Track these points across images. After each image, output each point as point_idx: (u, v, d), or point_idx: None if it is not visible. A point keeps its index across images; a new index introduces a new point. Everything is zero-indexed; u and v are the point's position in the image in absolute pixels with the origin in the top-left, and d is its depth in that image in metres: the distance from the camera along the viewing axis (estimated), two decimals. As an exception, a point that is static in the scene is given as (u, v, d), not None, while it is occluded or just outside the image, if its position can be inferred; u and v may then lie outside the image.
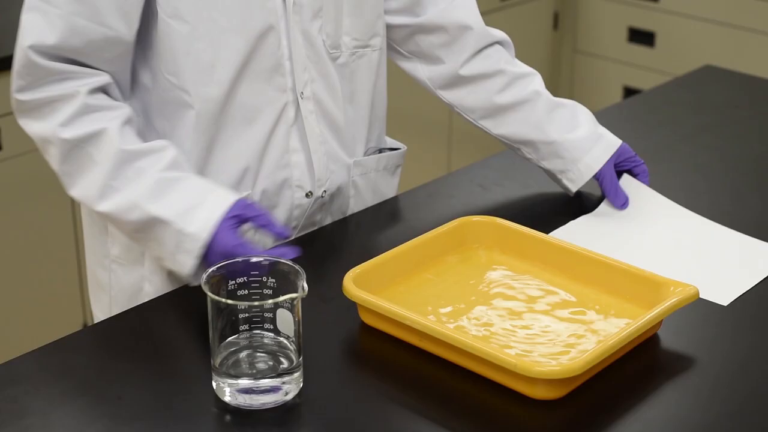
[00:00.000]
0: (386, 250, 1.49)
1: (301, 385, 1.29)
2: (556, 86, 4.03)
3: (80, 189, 1.49)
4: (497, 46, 1.78)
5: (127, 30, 1.48)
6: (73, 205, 2.70)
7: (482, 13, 1.77)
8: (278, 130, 1.58)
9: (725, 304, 1.49)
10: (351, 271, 1.42)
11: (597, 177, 1.74)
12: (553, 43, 3.97)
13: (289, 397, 1.28)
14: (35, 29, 1.46)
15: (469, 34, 1.74)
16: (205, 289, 1.25)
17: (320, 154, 1.62)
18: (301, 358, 1.28)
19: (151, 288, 1.59)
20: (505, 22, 3.68)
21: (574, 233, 1.66)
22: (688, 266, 1.57)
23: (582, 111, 1.77)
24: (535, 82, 1.77)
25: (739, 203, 1.80)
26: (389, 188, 1.77)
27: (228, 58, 1.52)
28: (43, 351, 1.39)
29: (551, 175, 1.79)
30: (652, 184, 1.78)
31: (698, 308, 1.45)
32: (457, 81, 1.76)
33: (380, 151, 1.76)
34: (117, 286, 1.64)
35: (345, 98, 1.65)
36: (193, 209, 1.45)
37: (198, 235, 1.44)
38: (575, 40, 3.98)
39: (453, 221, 1.57)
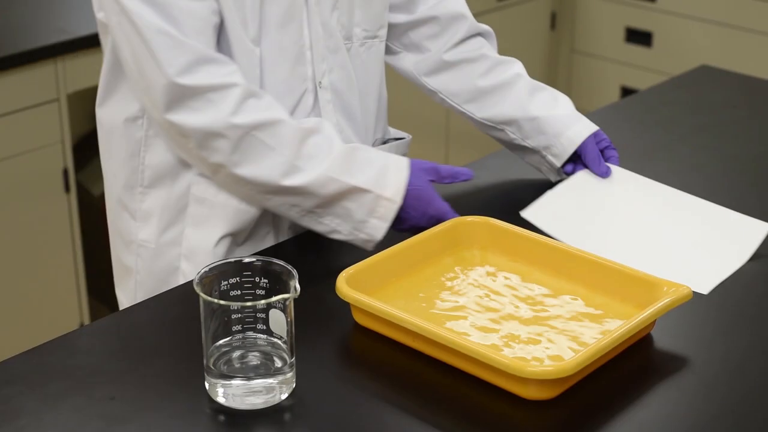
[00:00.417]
0: (380, 251, 1.49)
1: (294, 385, 1.29)
2: (554, 86, 3.99)
3: (256, 172, 1.52)
4: (479, 37, 1.83)
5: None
6: (70, 207, 2.70)
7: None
8: (296, 117, 1.60)
9: (705, 293, 1.50)
10: (344, 271, 1.42)
11: (579, 151, 1.76)
12: (551, 43, 3.97)
13: (282, 397, 1.28)
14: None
15: (462, 23, 1.80)
16: (198, 289, 1.25)
17: None
18: (293, 359, 1.28)
19: (190, 267, 1.61)
20: (502, 22, 3.68)
21: (550, 210, 1.68)
22: (669, 251, 1.60)
23: (561, 95, 1.82)
24: (516, 66, 1.82)
25: (736, 203, 1.80)
26: None
27: (255, 45, 1.55)
28: (36, 351, 1.39)
29: (534, 158, 1.81)
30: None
31: (692, 308, 1.45)
32: (442, 66, 1.81)
33: (384, 142, 1.79)
34: (144, 269, 1.66)
35: (360, 88, 1.68)
36: (384, 175, 1.55)
37: (394, 198, 1.54)
38: (573, 40, 3.98)
39: (447, 221, 1.57)
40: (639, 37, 3.81)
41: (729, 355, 1.40)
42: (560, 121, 1.77)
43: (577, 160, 1.79)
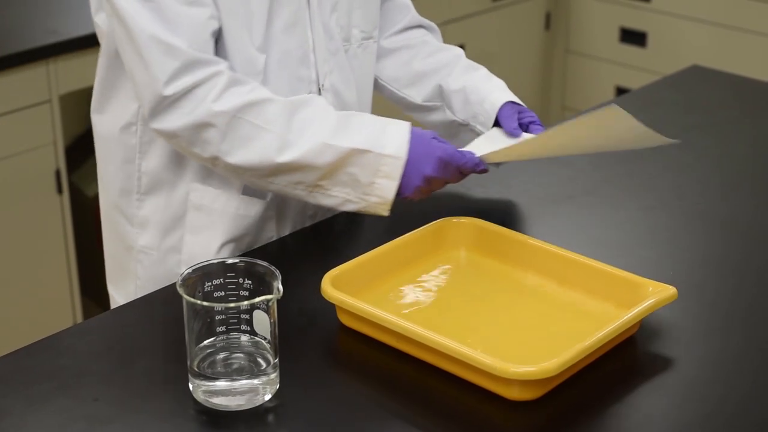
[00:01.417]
0: (366, 252, 1.49)
1: (278, 386, 1.30)
2: (549, 86, 4.04)
3: (249, 156, 1.51)
4: (422, 29, 1.84)
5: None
6: (63, 208, 2.70)
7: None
8: None
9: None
10: (329, 272, 1.42)
11: (497, 116, 1.73)
12: (545, 43, 3.97)
13: (266, 398, 1.28)
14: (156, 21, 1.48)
15: (404, 13, 1.81)
16: (181, 291, 1.25)
17: None
18: (277, 359, 1.29)
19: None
20: (497, 22, 3.68)
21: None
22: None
23: (496, 78, 1.79)
24: (457, 50, 1.82)
25: (725, 203, 1.80)
26: None
27: (259, 51, 1.56)
28: (22, 352, 1.39)
29: (468, 136, 1.77)
30: (635, 185, 1.78)
31: (676, 309, 1.45)
32: (381, 53, 1.80)
33: None
34: (145, 275, 1.67)
35: (357, 88, 1.69)
36: (382, 134, 1.52)
37: (396, 154, 1.51)
38: (567, 40, 3.98)
39: (433, 222, 1.57)
40: (633, 37, 3.81)
41: (713, 356, 1.40)
42: (484, 88, 1.76)
43: None
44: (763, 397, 1.32)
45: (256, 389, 1.28)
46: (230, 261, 1.30)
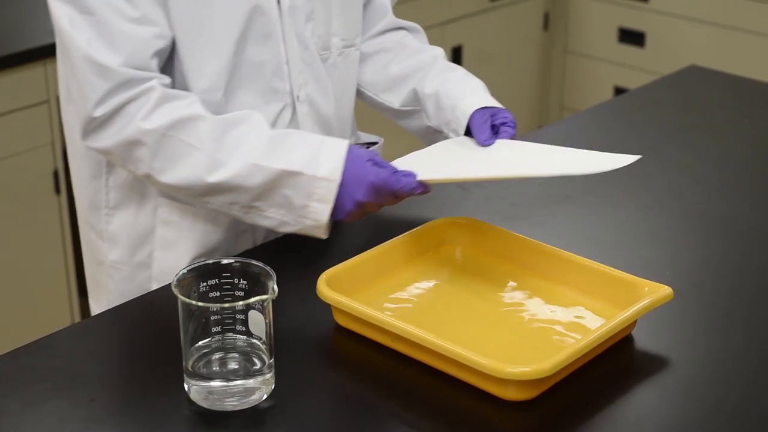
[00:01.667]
0: (362, 252, 1.49)
1: (274, 386, 1.29)
2: (547, 86, 4.03)
3: (180, 175, 1.47)
4: (403, 31, 1.79)
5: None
6: (60, 209, 2.70)
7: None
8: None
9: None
10: (325, 272, 1.42)
11: (470, 125, 1.65)
12: (544, 43, 3.97)
13: (262, 398, 1.28)
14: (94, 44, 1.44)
15: (382, 16, 1.76)
16: (176, 291, 1.25)
17: None
18: (272, 359, 1.28)
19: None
20: (495, 22, 3.68)
21: (417, 159, 1.58)
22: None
23: (475, 78, 1.72)
24: (435, 51, 1.76)
25: (723, 203, 1.80)
26: None
27: (228, 64, 1.52)
28: (17, 353, 1.39)
29: (440, 139, 1.70)
30: (633, 185, 1.78)
31: (672, 309, 1.45)
32: (359, 58, 1.73)
33: (355, 144, 1.76)
34: (117, 290, 1.65)
35: (336, 98, 1.66)
36: (316, 156, 1.47)
37: (330, 177, 1.46)
38: (566, 40, 3.98)
39: (430, 222, 1.57)
40: (632, 37, 3.81)
41: (709, 355, 1.40)
42: (456, 93, 1.68)
43: None
44: (762, 397, 1.32)
45: (252, 389, 1.27)
46: (225, 261, 1.30)
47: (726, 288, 1.56)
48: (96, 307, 1.70)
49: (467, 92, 1.67)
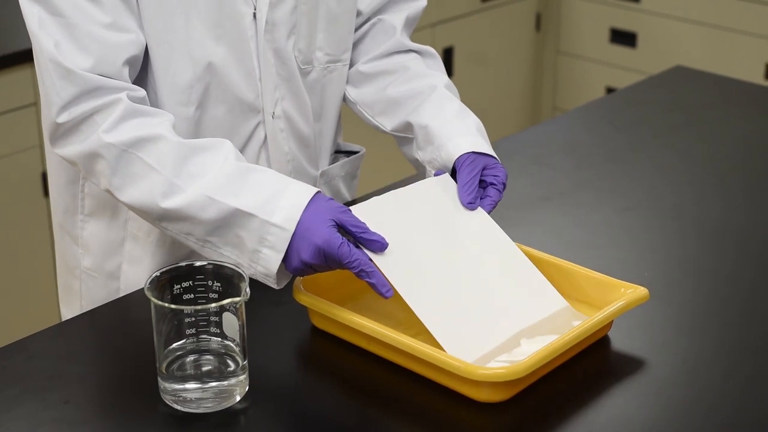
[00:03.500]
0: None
1: (248, 387, 1.30)
2: (539, 87, 4.03)
3: (137, 195, 1.41)
4: (412, 54, 1.70)
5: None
6: (49, 211, 2.70)
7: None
8: (248, 150, 1.57)
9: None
10: (301, 274, 1.42)
11: (456, 165, 1.53)
12: (536, 44, 3.97)
13: (236, 399, 1.28)
14: (64, 48, 1.40)
15: (389, 37, 1.68)
16: (149, 294, 1.25)
17: (287, 171, 1.60)
18: (246, 361, 1.28)
19: None
20: (487, 23, 3.68)
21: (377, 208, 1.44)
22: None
23: (471, 114, 1.60)
24: (435, 79, 1.65)
25: (700, 204, 1.80)
26: (350, 191, 1.77)
27: (200, 79, 1.49)
28: (-6, 356, 1.39)
29: (427, 173, 1.60)
30: (614, 186, 1.78)
31: (648, 310, 1.45)
32: (360, 78, 1.68)
33: (336, 152, 1.75)
34: (88, 296, 1.64)
35: (315, 113, 1.63)
36: (276, 200, 1.37)
37: (283, 225, 1.35)
38: (557, 41, 3.98)
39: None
40: (623, 37, 3.81)
41: (685, 357, 1.40)
42: (446, 131, 1.56)
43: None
44: (735, 397, 1.32)
45: (226, 391, 1.28)
46: (198, 263, 1.30)
47: (703, 289, 1.56)
48: (67, 312, 1.69)
49: (457, 132, 1.55)
